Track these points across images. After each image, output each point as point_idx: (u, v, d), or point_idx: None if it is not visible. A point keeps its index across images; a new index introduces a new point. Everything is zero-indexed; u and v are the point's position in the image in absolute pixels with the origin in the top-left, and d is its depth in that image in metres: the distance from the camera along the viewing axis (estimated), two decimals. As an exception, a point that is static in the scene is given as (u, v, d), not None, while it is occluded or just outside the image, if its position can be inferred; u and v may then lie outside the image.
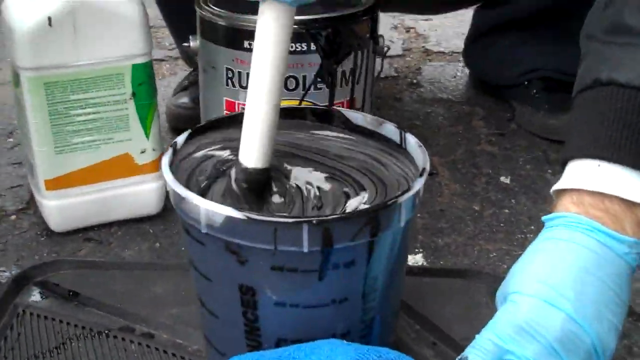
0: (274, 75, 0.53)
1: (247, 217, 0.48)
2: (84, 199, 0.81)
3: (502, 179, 0.95)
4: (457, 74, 1.30)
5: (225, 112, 0.79)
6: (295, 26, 0.72)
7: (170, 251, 0.80)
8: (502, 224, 0.85)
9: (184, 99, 1.06)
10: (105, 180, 0.81)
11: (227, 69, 0.77)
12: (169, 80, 1.24)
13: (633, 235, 0.57)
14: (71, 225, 0.82)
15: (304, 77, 0.76)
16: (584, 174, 0.59)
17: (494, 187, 0.93)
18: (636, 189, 0.57)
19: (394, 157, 0.59)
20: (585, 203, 0.58)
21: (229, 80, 0.78)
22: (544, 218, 0.60)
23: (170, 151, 0.57)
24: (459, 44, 1.40)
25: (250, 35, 0.74)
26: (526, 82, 1.11)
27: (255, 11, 0.54)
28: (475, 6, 1.21)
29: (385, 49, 0.84)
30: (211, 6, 0.79)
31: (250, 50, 0.73)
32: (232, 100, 0.78)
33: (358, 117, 0.63)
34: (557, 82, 1.10)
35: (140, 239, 0.82)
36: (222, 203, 0.50)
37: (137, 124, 0.80)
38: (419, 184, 0.52)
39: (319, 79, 0.76)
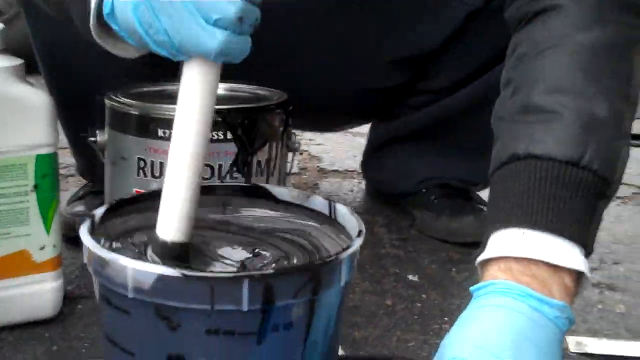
0: (197, 139, 0.51)
1: (183, 274, 0.45)
2: (-26, 300, 0.74)
3: (410, 277, 0.95)
4: (353, 188, 1.32)
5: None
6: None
7: (69, 355, 0.74)
8: (415, 316, 0.84)
9: (80, 207, 1.01)
10: (2, 278, 0.75)
11: (139, 159, 0.75)
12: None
13: (560, 299, 0.58)
14: (-41, 331, 0.75)
15: (220, 166, 0.75)
16: (509, 242, 0.60)
17: (403, 285, 0.93)
18: (560, 254, 0.59)
19: (323, 228, 0.58)
20: (513, 269, 0.59)
21: (141, 171, 0.75)
22: (472, 288, 0.60)
23: (88, 220, 0.54)
24: (352, 164, 1.44)
25: (164, 123, 0.73)
26: (424, 190, 1.14)
27: (166, 98, 0.53)
28: (370, 122, 1.25)
29: (297, 144, 0.84)
30: (121, 97, 0.77)
31: (163, 138, 0.73)
32: (142, 190, 0.76)
33: (284, 192, 0.62)
34: (454, 188, 1.13)
35: (36, 343, 0.75)
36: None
37: (38, 218, 0.75)
38: (357, 243, 0.51)
39: (234, 168, 0.75)
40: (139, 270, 0.46)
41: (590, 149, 0.61)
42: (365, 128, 1.26)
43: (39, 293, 0.77)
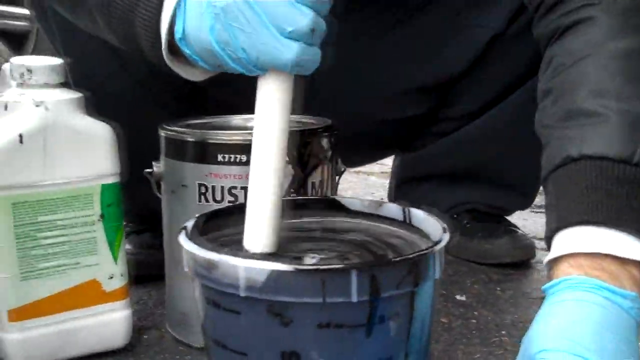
0: (278, 152, 0.54)
1: (296, 268, 0.48)
2: (48, 331, 0.75)
3: (458, 296, 0.97)
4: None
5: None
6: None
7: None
8: (473, 331, 0.86)
9: (127, 246, 1.03)
10: (72, 309, 0.76)
11: (200, 185, 0.77)
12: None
13: (631, 290, 0.60)
14: (32, 363, 0.76)
15: (279, 188, 0.77)
16: (575, 239, 0.63)
17: (453, 304, 0.95)
18: (626, 247, 0.61)
19: (400, 233, 0.61)
20: (583, 265, 0.61)
21: (202, 196, 0.78)
22: (544, 287, 0.63)
23: (183, 230, 0.56)
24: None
25: (223, 148, 0.76)
26: (455, 216, 1.16)
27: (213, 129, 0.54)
28: (392, 154, 1.27)
29: (343, 167, 0.87)
30: (177, 126, 0.80)
31: (223, 163, 0.76)
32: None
33: (355, 203, 0.64)
34: (483, 213, 1.16)
35: (108, 375, 0.77)
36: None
37: (106, 248, 0.77)
38: (446, 237, 0.53)
39: (292, 190, 0.78)
40: (252, 267, 0.48)
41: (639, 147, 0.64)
42: (376, 167, 1.27)
43: (110, 323, 0.78)
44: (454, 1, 1.02)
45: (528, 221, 1.36)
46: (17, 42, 2.28)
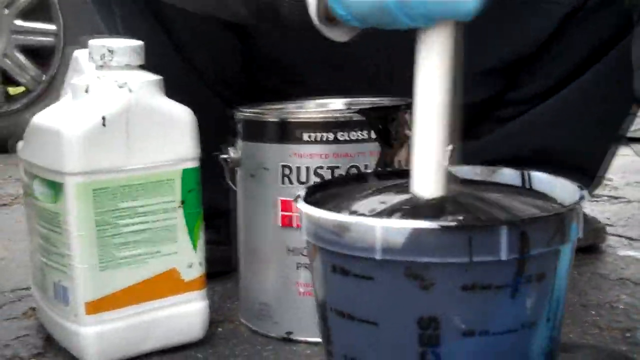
0: (445, 99, 0.53)
1: (440, 226, 0.44)
2: (126, 324, 0.72)
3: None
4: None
5: (281, 214, 0.75)
6: (355, 114, 0.73)
7: (228, 376, 0.72)
8: (565, 312, 0.83)
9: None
10: (150, 300, 0.73)
11: (284, 167, 0.74)
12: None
13: None
14: (111, 357, 0.72)
15: (366, 166, 0.74)
16: None
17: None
18: None
19: (522, 199, 0.57)
20: None
21: (286, 178, 0.74)
22: None
23: (303, 192, 0.53)
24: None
25: (307, 126, 0.73)
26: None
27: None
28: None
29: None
30: (255, 106, 0.77)
31: (308, 142, 0.73)
32: (290, 199, 0.75)
33: (466, 170, 0.61)
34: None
35: (191, 367, 0.73)
36: (397, 223, 0.46)
37: (185, 235, 0.74)
38: (586, 194, 0.50)
39: (379, 168, 0.75)
40: (391, 227, 0.45)
41: None
42: None
43: (188, 314, 0.75)
44: None
45: (586, 210, 1.33)
46: (42, 58, 2.26)
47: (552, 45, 1.01)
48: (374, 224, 0.46)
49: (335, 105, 0.84)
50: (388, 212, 0.50)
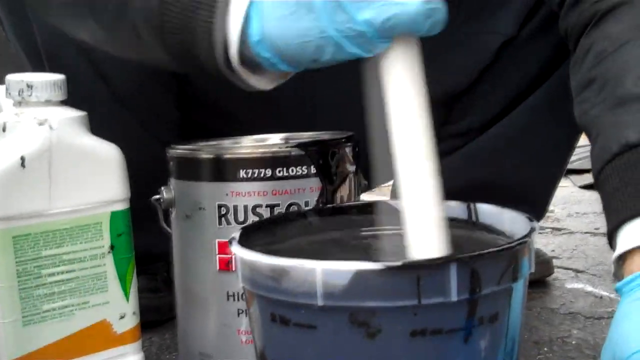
0: (427, 134, 0.48)
1: (386, 266, 0.41)
2: (54, 383, 0.67)
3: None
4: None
5: (220, 257, 0.71)
6: (294, 148, 0.70)
7: None
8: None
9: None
10: (80, 356, 0.67)
11: (220, 206, 0.70)
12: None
13: None
14: (37, 420, 0.66)
15: (306, 203, 0.70)
16: None
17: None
18: None
19: (467, 233, 0.55)
20: None
21: (223, 219, 0.70)
22: (617, 286, 0.57)
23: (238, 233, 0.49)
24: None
25: (245, 163, 0.69)
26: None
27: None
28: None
29: (365, 182, 0.81)
30: (189, 143, 0.73)
31: (245, 179, 0.69)
32: (227, 240, 0.70)
33: (409, 206, 0.58)
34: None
35: None
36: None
37: (116, 283, 0.69)
38: (536, 225, 0.48)
39: (321, 205, 0.71)
40: (332, 270, 0.42)
41: None
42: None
43: (122, 368, 0.70)
44: (461, 9, 0.97)
45: (532, 242, 1.32)
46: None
47: (489, 75, 1.00)
48: (314, 267, 0.42)
49: (273, 140, 0.80)
50: (327, 253, 0.46)
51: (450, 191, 1.10)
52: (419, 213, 0.47)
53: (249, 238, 0.52)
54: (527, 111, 1.00)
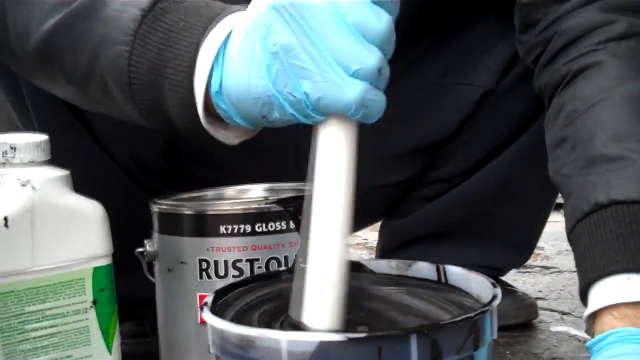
0: (345, 209, 0.48)
1: (348, 337, 0.42)
2: None
3: None
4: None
5: (199, 310, 0.72)
6: (273, 205, 0.71)
7: None
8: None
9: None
10: (63, 412, 0.69)
11: (201, 260, 0.72)
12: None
13: None
14: None
15: (286, 258, 0.72)
16: (616, 289, 0.59)
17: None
18: None
19: (435, 294, 0.56)
20: (629, 315, 0.57)
21: (203, 273, 0.72)
22: (589, 344, 0.58)
23: (211, 297, 0.50)
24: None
25: (224, 219, 0.71)
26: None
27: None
28: (379, 220, 1.23)
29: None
30: (170, 200, 0.75)
31: (225, 235, 0.70)
32: (207, 294, 0.72)
33: (381, 265, 0.59)
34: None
35: None
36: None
37: (99, 337, 0.70)
38: (499, 292, 0.49)
39: (300, 259, 0.72)
40: (297, 340, 0.43)
41: None
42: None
43: None
44: (440, 60, 1.00)
45: (518, 282, 1.33)
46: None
47: (470, 125, 1.02)
48: (279, 337, 0.43)
49: (256, 192, 0.82)
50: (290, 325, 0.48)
51: (435, 232, 1.13)
52: (319, 284, 0.48)
53: (223, 300, 0.53)
54: (510, 159, 1.03)
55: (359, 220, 1.23)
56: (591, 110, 0.68)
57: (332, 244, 0.48)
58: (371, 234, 1.54)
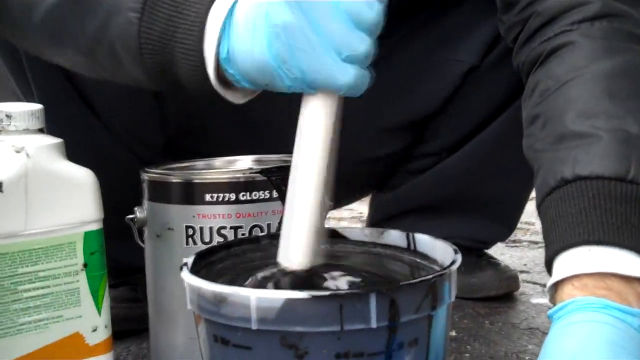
0: (321, 167, 0.53)
1: (312, 295, 0.46)
2: (28, 394, 0.71)
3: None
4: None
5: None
6: (257, 174, 0.74)
7: None
8: (467, 365, 0.85)
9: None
10: (53, 366, 0.72)
11: (187, 227, 0.75)
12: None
13: (639, 308, 0.59)
14: None
15: (269, 225, 0.75)
16: (577, 260, 0.62)
17: (445, 339, 0.93)
18: (629, 265, 0.60)
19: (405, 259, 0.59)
20: (588, 285, 0.60)
21: (189, 239, 0.75)
22: (550, 313, 0.61)
23: (185, 266, 0.53)
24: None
25: (210, 188, 0.74)
26: (437, 252, 1.15)
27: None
28: (369, 194, 1.26)
29: (330, 202, 0.85)
30: (161, 168, 0.78)
31: (210, 203, 0.73)
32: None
33: (355, 232, 0.62)
34: (464, 247, 1.14)
35: None
36: (272, 293, 0.47)
37: (89, 298, 0.74)
38: (459, 258, 0.52)
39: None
40: (264, 297, 0.46)
41: (633, 164, 0.64)
42: (345, 212, 1.25)
43: (95, 379, 0.75)
44: (427, 37, 1.02)
45: (505, 255, 1.36)
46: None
47: (456, 100, 1.05)
48: (249, 295, 0.47)
49: (244, 163, 0.85)
50: (265, 281, 0.51)
51: (423, 206, 1.15)
52: (294, 228, 0.53)
53: (202, 263, 0.57)
54: (495, 133, 1.06)
55: (350, 193, 1.26)
56: (563, 88, 0.70)
57: (307, 196, 0.53)
58: (365, 208, 1.57)
